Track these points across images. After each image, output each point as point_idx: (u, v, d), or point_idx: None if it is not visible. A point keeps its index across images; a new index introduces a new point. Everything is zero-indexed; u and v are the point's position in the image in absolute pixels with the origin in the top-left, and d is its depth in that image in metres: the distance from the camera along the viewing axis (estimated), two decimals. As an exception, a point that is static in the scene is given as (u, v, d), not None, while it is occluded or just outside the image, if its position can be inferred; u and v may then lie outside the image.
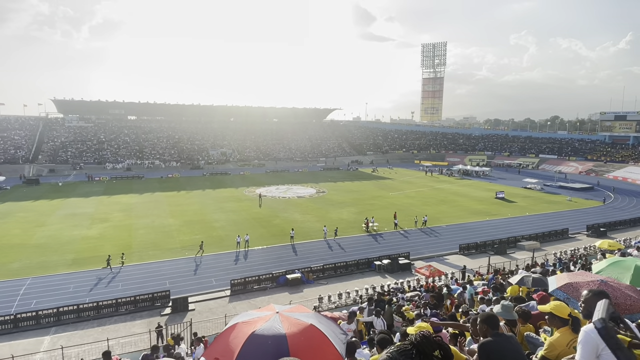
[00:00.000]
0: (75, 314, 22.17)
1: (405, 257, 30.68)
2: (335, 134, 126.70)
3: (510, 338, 3.83)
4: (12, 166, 75.12)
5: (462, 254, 33.07)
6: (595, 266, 7.25)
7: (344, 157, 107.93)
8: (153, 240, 35.54)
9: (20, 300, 23.84)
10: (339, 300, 24.33)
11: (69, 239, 35.50)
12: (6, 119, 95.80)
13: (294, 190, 63.07)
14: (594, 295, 3.54)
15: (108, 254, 29.76)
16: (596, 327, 2.73)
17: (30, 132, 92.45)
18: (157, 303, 23.72)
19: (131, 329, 21.12)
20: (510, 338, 3.81)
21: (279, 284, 26.89)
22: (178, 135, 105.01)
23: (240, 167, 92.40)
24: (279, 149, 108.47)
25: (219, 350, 3.52)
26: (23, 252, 31.93)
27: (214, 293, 25.73)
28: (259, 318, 3.67)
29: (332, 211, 47.52)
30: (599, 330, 2.71)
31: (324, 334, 3.55)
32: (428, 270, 27.41)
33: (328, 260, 30.39)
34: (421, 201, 54.38)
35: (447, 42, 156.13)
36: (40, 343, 19.88)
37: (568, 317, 4.10)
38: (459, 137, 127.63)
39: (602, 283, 4.81)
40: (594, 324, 2.77)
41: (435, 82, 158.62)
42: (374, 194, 60.13)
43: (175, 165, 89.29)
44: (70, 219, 42.31)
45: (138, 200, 53.83)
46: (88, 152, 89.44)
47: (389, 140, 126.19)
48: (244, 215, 45.03)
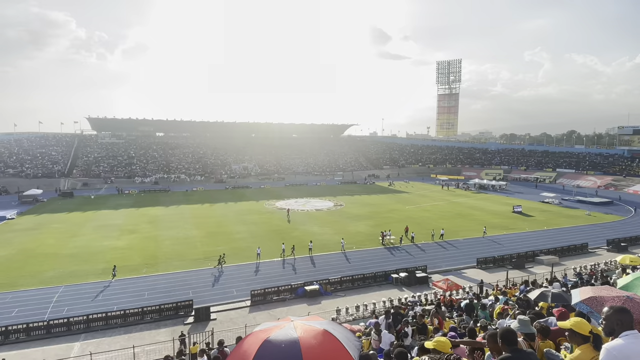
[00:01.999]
0: (104, 322, 23.12)
1: (422, 270, 30.80)
2: (352, 149, 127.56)
3: (530, 355, 3.68)
4: (48, 180, 78.90)
5: (480, 267, 32.95)
6: (620, 281, 7.20)
7: (361, 171, 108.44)
8: (178, 251, 36.75)
9: (53, 307, 25.03)
10: (357, 312, 24.58)
11: (99, 249, 37.04)
12: (45, 136, 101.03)
13: (312, 203, 63.83)
14: (615, 312, 3.36)
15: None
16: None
17: (66, 148, 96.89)
18: (180, 312, 24.52)
19: (156, 337, 21.82)
20: (529, 355, 3.66)
21: (297, 295, 27.36)
22: (202, 151, 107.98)
23: (261, 180, 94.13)
24: (298, 164, 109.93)
25: (236, 358, 3.68)
26: (57, 261, 33.48)
27: (235, 303, 26.39)
28: (274, 326, 3.86)
29: (349, 224, 47.95)
30: None
31: (336, 339, 3.67)
32: (445, 283, 27.51)
33: (345, 273, 30.75)
34: (438, 214, 54.25)
35: (461, 59, 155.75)
36: (71, 349, 20.73)
37: (589, 334, 3.90)
38: (475, 151, 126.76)
39: (628, 299, 4.57)
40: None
41: (450, 98, 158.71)
42: (391, 207, 60.28)
43: (200, 179, 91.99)
44: (101, 230, 44.14)
45: (164, 212, 55.67)
46: (119, 166, 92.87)
47: (405, 154, 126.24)
48: (264, 228, 45.95)
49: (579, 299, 5.00)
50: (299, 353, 3.38)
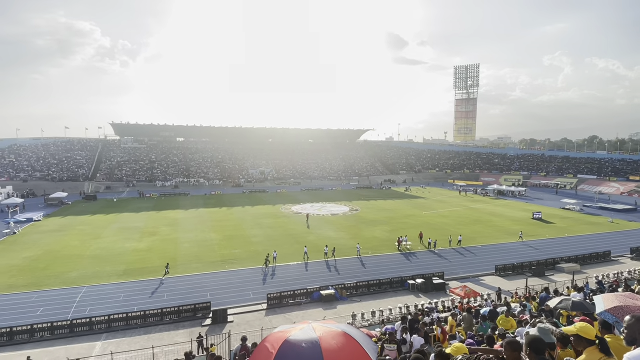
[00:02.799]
0: (124, 322, 23.69)
1: (439, 276, 30.49)
2: (368, 154, 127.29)
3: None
4: (73, 183, 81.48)
5: (498, 275, 32.42)
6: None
7: (377, 176, 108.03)
8: (196, 253, 37.36)
9: (76, 307, 25.76)
10: (372, 318, 24.50)
11: (121, 250, 37.97)
12: (70, 141, 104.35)
13: (328, 207, 63.93)
14: (637, 321, 3.31)
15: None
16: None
17: (91, 152, 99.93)
18: (198, 314, 24.92)
19: (174, 338, 22.24)
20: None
21: (313, 299, 27.45)
22: (221, 155, 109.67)
23: (277, 185, 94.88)
24: (313, 168, 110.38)
25: (258, 358, 3.78)
26: (80, 262, 34.47)
27: (252, 306, 26.66)
28: (292, 328, 3.96)
29: (365, 229, 47.83)
30: None
31: (355, 340, 3.74)
32: (463, 290, 27.13)
33: (361, 278, 30.70)
34: (455, 220, 53.59)
35: (479, 64, 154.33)
36: (93, 348, 21.26)
37: (595, 339, 3.92)
38: (493, 156, 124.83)
39: None
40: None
41: (468, 103, 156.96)
42: (407, 212, 59.87)
43: (218, 183, 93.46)
44: (122, 232, 45.27)
45: (184, 215, 56.69)
46: (140, 170, 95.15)
47: (422, 159, 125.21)
48: (280, 231, 46.28)
49: (603, 308, 4.82)
50: (320, 352, 3.45)
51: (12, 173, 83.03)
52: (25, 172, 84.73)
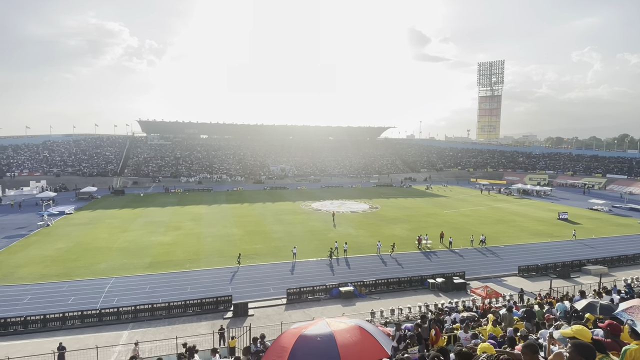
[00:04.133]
0: (150, 312, 24.52)
1: (460, 276, 30.17)
2: (388, 152, 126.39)
3: None
4: (102, 178, 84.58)
5: (522, 276, 31.79)
6: None
7: (397, 174, 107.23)
8: (218, 248, 38.20)
9: (104, 297, 26.84)
10: (392, 316, 24.50)
11: (147, 244, 39.22)
12: (100, 137, 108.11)
13: (347, 205, 63.98)
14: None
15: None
16: None
17: (119, 149, 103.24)
18: (220, 307, 25.54)
19: (197, 330, 22.85)
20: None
21: (332, 295, 27.66)
22: (243, 152, 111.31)
23: (298, 182, 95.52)
24: (333, 166, 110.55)
25: (274, 353, 3.92)
26: (109, 254, 35.83)
27: (272, 300, 27.09)
28: (308, 324, 4.16)
29: (385, 227, 47.69)
30: None
31: (369, 333, 3.83)
32: (485, 291, 26.78)
33: (380, 276, 30.71)
34: (477, 220, 52.71)
35: (504, 61, 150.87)
36: (120, 336, 22.13)
37: (590, 342, 3.91)
38: (518, 155, 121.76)
39: None
40: None
41: (492, 100, 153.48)
42: (428, 211, 59.26)
43: (240, 180, 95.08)
44: (148, 226, 46.72)
45: (207, 210, 57.98)
46: (166, 166, 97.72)
47: (444, 157, 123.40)
48: (300, 228, 46.71)
49: (622, 309, 4.91)
50: (335, 346, 3.53)
51: (46, 168, 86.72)
52: (58, 167, 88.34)
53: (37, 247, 38.12)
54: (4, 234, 42.76)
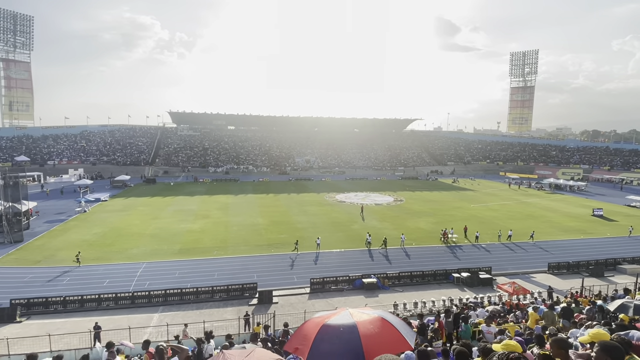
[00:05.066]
0: (179, 297, 25.51)
1: (486, 271, 29.68)
2: (414, 144, 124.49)
3: None
4: (135, 167, 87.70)
5: (552, 273, 30.92)
6: None
7: (423, 167, 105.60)
8: (244, 236, 39.11)
9: (137, 281, 28.11)
10: (415, 308, 24.44)
11: (176, 231, 40.61)
12: (133, 128, 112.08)
13: (372, 197, 63.78)
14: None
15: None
16: None
17: (151, 139, 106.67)
18: (245, 294, 26.25)
19: (223, 315, 23.61)
20: None
21: (355, 286, 27.86)
22: (269, 144, 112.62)
23: (322, 173, 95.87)
24: (358, 158, 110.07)
25: (297, 341, 3.95)
26: (141, 240, 37.39)
27: (295, 289, 27.58)
28: (331, 313, 4.09)
29: (409, 220, 47.31)
30: None
31: (392, 325, 3.79)
32: (512, 287, 26.26)
33: (404, 268, 30.62)
34: (506, 215, 51.40)
35: (538, 50, 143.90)
36: (151, 319, 23.13)
37: None
38: (550, 148, 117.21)
39: None
40: None
41: (524, 92, 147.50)
42: (454, 205, 58.25)
43: (266, 171, 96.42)
44: (178, 214, 48.32)
45: (233, 200, 59.34)
46: (195, 157, 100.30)
47: (472, 150, 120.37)
48: (323, 219, 47.04)
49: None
50: (357, 337, 3.52)
51: (83, 157, 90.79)
52: (94, 156, 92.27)
53: (75, 231, 40.20)
54: (45, 219, 45.32)
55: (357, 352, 3.42)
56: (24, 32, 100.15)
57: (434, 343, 11.93)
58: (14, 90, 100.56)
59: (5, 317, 22.40)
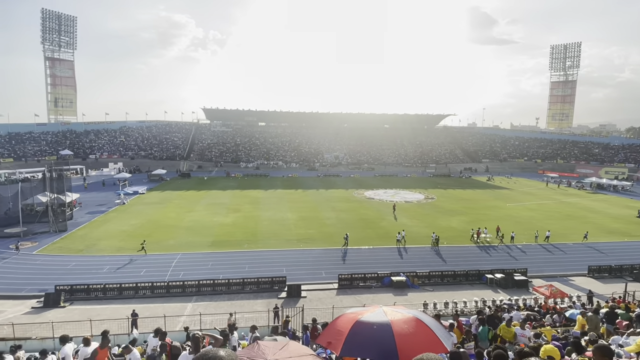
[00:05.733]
0: (211, 288, 26.25)
1: (522, 273, 28.69)
2: (447, 140, 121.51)
3: None
4: (171, 162, 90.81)
5: (592, 276, 29.45)
6: None
7: (456, 164, 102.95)
8: (274, 231, 39.67)
9: (172, 271, 29.13)
10: (445, 309, 23.98)
11: (210, 224, 41.74)
12: (169, 124, 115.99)
13: (401, 194, 62.92)
14: None
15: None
16: None
17: (185, 135, 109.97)
18: (275, 287, 26.64)
19: (253, 307, 24.07)
20: None
21: (383, 284, 27.65)
22: (298, 140, 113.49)
23: (351, 170, 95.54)
24: (388, 154, 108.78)
25: (330, 335, 3.96)
26: (176, 232, 38.69)
27: (323, 284, 27.71)
28: (364, 310, 4.07)
29: (440, 218, 46.34)
30: None
31: (428, 327, 3.71)
32: (549, 290, 25.27)
33: (435, 268, 30.07)
34: (544, 215, 49.32)
35: (581, 43, 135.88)
36: (184, 308, 23.93)
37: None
38: (593, 146, 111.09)
39: None
40: None
41: (565, 86, 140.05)
42: (489, 203, 56.49)
43: (295, 166, 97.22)
44: (211, 208, 49.63)
45: (263, 195, 60.33)
46: (227, 152, 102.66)
47: (508, 147, 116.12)
48: (352, 215, 46.91)
49: None
50: (391, 335, 3.48)
51: (122, 151, 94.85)
52: (133, 150, 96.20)
53: (114, 222, 42.13)
54: (87, 210, 47.77)
55: (390, 351, 3.40)
56: (68, 32, 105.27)
57: (466, 344, 11.68)
58: (59, 88, 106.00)
59: (51, 301, 23.84)
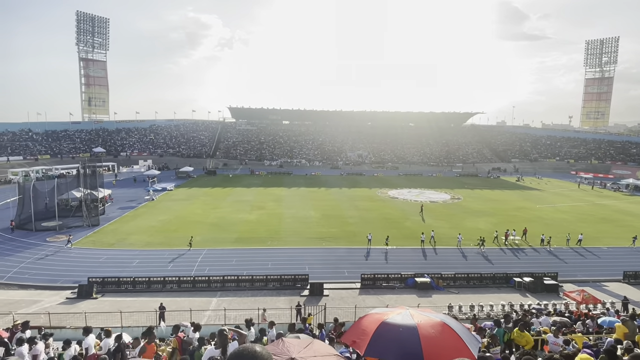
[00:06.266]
0: (236, 283, 26.72)
1: (552, 277, 27.72)
2: (475, 139, 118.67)
3: None
4: (198, 160, 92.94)
5: (627, 282, 28.11)
6: None
7: (484, 164, 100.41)
8: (296, 228, 39.94)
9: (198, 266, 29.81)
10: (471, 312, 23.48)
11: (234, 221, 42.48)
12: (196, 122, 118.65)
13: (426, 194, 61.96)
14: None
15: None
16: None
17: (212, 133, 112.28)
18: (297, 284, 26.83)
19: (276, 304, 24.22)
20: None
21: (407, 285, 27.32)
22: (322, 138, 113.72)
23: (375, 168, 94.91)
24: (413, 153, 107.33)
25: (354, 334, 3.94)
26: (202, 228, 39.55)
27: (346, 283, 27.67)
28: (390, 311, 4.02)
29: (467, 219, 45.33)
30: None
31: (455, 332, 3.62)
32: (580, 295, 24.32)
33: (460, 270, 29.47)
34: (576, 217, 47.43)
35: (619, 37, 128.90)
36: (210, 303, 24.39)
37: None
38: (631, 146, 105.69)
39: None
40: None
41: (601, 83, 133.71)
42: (518, 204, 54.83)
43: (318, 165, 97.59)
44: (236, 205, 50.52)
45: (287, 193, 60.88)
46: (251, 150, 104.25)
47: (539, 147, 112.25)
48: (375, 215, 46.57)
49: None
50: (417, 339, 3.42)
51: (152, 149, 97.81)
52: (162, 148, 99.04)
53: (144, 218, 43.49)
54: (118, 205, 49.53)
55: (416, 354, 3.34)
56: (101, 34, 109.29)
57: (491, 349, 11.42)
58: (92, 87, 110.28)
59: (84, 293, 24.87)
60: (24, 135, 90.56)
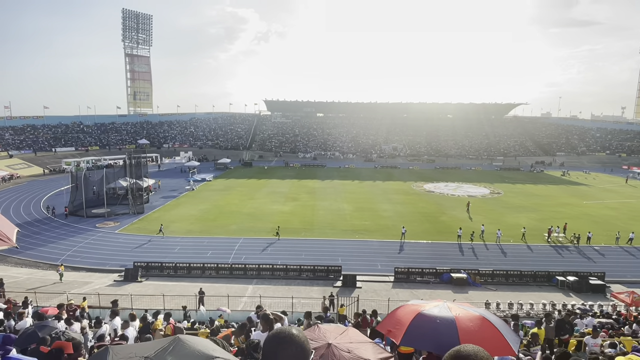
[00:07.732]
0: (270, 272, 27.37)
1: (598, 277, 26.29)
2: (517, 131, 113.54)
3: None
4: (235, 152, 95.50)
5: (685, 286, 26.10)
6: None
7: (527, 157, 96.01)
8: (330, 220, 40.20)
9: (235, 254, 30.78)
10: (509, 310, 22.74)
11: (269, 211, 43.40)
12: (233, 115, 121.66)
13: (464, 188, 60.24)
14: None
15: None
16: None
17: (248, 125, 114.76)
18: (330, 275, 27.09)
19: (309, 293, 24.60)
20: None
21: (442, 280, 26.85)
22: (355, 131, 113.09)
23: (410, 161, 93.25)
24: (450, 146, 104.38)
25: (390, 324, 3.97)
26: (238, 217, 40.78)
27: (379, 277, 27.59)
28: (426, 303, 4.01)
29: (507, 214, 43.72)
30: None
31: (495, 327, 3.54)
32: (630, 297, 22.89)
33: (499, 266, 28.57)
34: (627, 215, 44.47)
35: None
36: (245, 290, 25.20)
37: None
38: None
39: None
40: None
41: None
42: (562, 200, 52.14)
43: (352, 157, 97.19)
44: (271, 196, 51.57)
45: (320, 185, 61.28)
46: (286, 143, 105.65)
47: (587, 139, 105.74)
48: (410, 209, 45.93)
49: None
50: (455, 332, 3.37)
51: (192, 141, 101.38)
52: (201, 140, 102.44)
53: (185, 207, 45.34)
54: (161, 194, 51.89)
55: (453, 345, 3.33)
56: (145, 30, 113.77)
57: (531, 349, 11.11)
58: (137, 82, 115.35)
59: (130, 276, 26.40)
60: (76, 128, 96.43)
